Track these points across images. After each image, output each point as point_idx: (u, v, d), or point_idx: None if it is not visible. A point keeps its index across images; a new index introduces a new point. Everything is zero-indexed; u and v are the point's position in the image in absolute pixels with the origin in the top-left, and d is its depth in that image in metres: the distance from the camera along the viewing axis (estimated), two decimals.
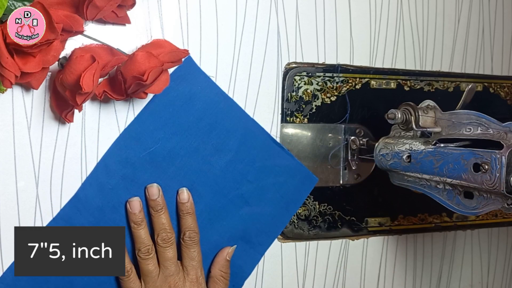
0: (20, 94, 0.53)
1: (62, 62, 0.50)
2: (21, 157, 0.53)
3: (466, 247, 0.78)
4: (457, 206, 0.53)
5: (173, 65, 0.54)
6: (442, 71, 0.72)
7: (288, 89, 0.63)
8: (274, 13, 0.62)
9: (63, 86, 0.49)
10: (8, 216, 0.53)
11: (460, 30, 0.73)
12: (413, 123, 0.57)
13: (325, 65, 0.65)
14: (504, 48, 0.77)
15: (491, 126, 0.52)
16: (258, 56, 0.62)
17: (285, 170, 0.63)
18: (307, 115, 0.64)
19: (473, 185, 0.50)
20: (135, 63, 0.49)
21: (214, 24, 0.59)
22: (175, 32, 0.58)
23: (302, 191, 0.64)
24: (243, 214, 0.61)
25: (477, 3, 0.74)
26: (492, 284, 0.80)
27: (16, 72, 0.46)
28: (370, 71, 0.67)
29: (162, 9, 0.57)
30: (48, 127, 0.54)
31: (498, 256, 0.80)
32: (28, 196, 0.54)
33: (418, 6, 0.70)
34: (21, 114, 0.53)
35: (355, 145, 0.65)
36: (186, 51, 0.53)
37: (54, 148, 0.54)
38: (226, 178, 0.60)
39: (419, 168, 0.55)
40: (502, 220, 0.78)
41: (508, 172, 0.47)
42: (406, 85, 0.69)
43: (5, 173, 0.53)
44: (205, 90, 0.59)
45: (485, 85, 0.75)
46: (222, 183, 0.60)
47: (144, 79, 0.49)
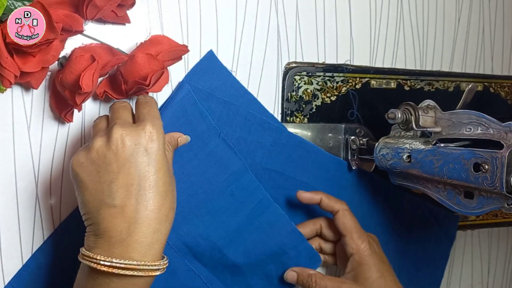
0: (20, 94, 0.52)
1: (62, 61, 0.50)
2: (21, 157, 0.53)
3: (466, 247, 0.78)
4: (457, 206, 0.53)
5: (173, 62, 0.54)
6: (442, 71, 0.72)
7: (288, 89, 0.63)
8: (274, 13, 0.62)
9: (63, 85, 0.49)
10: (8, 216, 0.53)
11: (460, 30, 0.73)
12: (413, 123, 0.57)
13: (325, 64, 0.65)
14: (504, 48, 0.77)
15: (491, 126, 0.52)
16: (258, 55, 0.62)
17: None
18: (307, 115, 0.64)
19: (473, 185, 0.49)
20: (136, 65, 0.49)
21: (214, 24, 0.59)
22: (175, 32, 0.58)
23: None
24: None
25: (477, 3, 0.74)
26: (492, 284, 0.80)
27: (15, 72, 0.46)
28: (370, 71, 0.67)
29: (162, 9, 0.57)
30: (47, 127, 0.54)
31: (498, 256, 0.80)
32: (28, 196, 0.54)
33: (418, 6, 0.70)
34: (20, 114, 0.53)
35: (355, 145, 0.65)
36: (185, 48, 0.53)
37: (54, 148, 0.54)
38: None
39: (419, 168, 0.55)
40: (502, 220, 0.78)
41: (508, 172, 0.46)
42: (406, 85, 0.69)
43: (5, 173, 0.53)
44: (226, 85, 0.59)
45: (485, 85, 0.75)
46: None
47: (147, 84, 0.49)
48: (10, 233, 0.53)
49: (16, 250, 0.53)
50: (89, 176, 0.44)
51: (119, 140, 0.43)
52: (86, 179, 0.44)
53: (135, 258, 0.42)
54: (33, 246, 0.54)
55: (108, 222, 0.43)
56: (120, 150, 0.43)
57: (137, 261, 0.42)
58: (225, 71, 0.59)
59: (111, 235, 0.42)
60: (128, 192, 0.43)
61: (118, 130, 0.44)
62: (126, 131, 0.44)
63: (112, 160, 0.43)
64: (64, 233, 0.54)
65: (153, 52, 0.51)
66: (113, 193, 0.43)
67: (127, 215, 0.42)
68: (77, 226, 0.55)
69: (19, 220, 0.53)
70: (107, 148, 0.43)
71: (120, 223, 0.42)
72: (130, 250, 0.42)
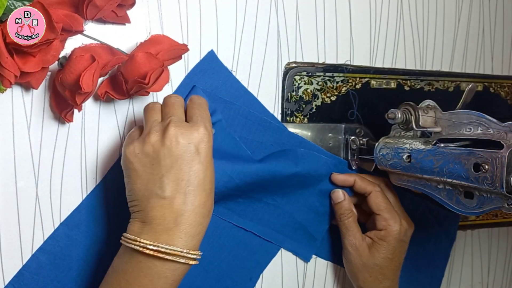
0: (20, 94, 0.52)
1: (62, 61, 0.50)
2: (21, 157, 0.53)
3: (466, 247, 0.78)
4: (457, 206, 0.53)
5: (173, 61, 0.54)
6: (442, 71, 0.72)
7: (288, 89, 0.63)
8: (274, 13, 0.62)
9: (63, 85, 0.49)
10: (8, 216, 0.53)
11: (460, 30, 0.73)
12: (413, 123, 0.57)
13: (325, 64, 0.65)
14: (504, 48, 0.77)
15: (491, 126, 0.52)
16: (258, 55, 0.62)
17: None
18: (307, 115, 0.64)
19: (473, 185, 0.49)
20: (136, 64, 0.49)
21: (214, 24, 0.59)
22: (175, 32, 0.58)
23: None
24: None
25: (477, 3, 0.74)
26: (492, 284, 0.80)
27: (15, 72, 0.46)
28: (370, 71, 0.67)
29: (162, 9, 0.57)
30: (47, 127, 0.54)
31: (498, 256, 0.80)
32: (28, 196, 0.54)
33: (418, 6, 0.70)
34: (20, 114, 0.53)
35: (355, 145, 0.65)
36: (185, 47, 0.53)
37: (54, 148, 0.54)
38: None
39: (419, 168, 0.55)
40: (502, 220, 0.78)
41: (508, 172, 0.46)
42: (406, 85, 0.69)
43: (5, 173, 0.53)
44: (226, 85, 0.59)
45: (485, 85, 0.75)
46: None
47: (146, 82, 0.49)
48: (10, 233, 0.53)
49: (16, 250, 0.53)
50: (143, 167, 0.47)
51: (173, 138, 0.46)
52: (139, 169, 0.47)
53: (179, 245, 0.46)
54: (33, 246, 0.54)
55: (157, 211, 0.46)
56: (174, 147, 0.46)
57: (181, 248, 0.45)
58: (225, 71, 0.59)
59: (159, 223, 0.46)
60: (178, 186, 0.46)
61: (174, 128, 0.47)
62: (181, 130, 0.47)
63: (166, 155, 0.46)
64: (64, 233, 0.55)
65: (153, 51, 0.51)
66: (164, 185, 0.46)
67: (175, 207, 0.46)
68: (77, 227, 0.55)
69: (19, 220, 0.53)
70: (161, 143, 0.46)
71: (168, 214, 0.46)
72: (175, 239, 0.46)
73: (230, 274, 0.61)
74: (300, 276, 0.67)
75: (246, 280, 0.63)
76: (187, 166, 0.46)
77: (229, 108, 0.59)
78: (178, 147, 0.46)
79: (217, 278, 0.60)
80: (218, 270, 0.60)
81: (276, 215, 0.62)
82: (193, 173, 0.46)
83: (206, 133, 0.48)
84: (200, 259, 0.48)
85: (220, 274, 0.61)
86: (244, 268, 0.62)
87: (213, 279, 0.60)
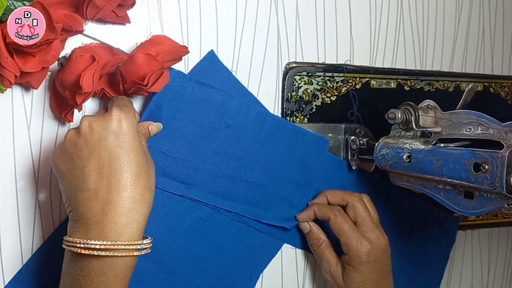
0: (20, 94, 0.52)
1: (62, 61, 0.50)
2: (21, 157, 0.53)
3: (466, 247, 0.78)
4: (457, 206, 0.53)
5: (173, 63, 0.54)
6: (442, 71, 0.72)
7: (288, 89, 0.63)
8: (274, 13, 0.62)
9: (63, 85, 0.49)
10: (8, 216, 0.53)
11: (460, 30, 0.73)
12: (413, 123, 0.57)
13: (325, 64, 0.65)
14: (504, 48, 0.77)
15: (491, 126, 0.52)
16: (258, 55, 0.62)
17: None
18: (307, 115, 0.64)
19: (473, 185, 0.49)
20: (135, 65, 0.49)
21: (214, 24, 0.59)
22: (175, 32, 0.58)
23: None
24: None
25: (477, 3, 0.74)
26: (492, 284, 0.80)
27: (15, 72, 0.46)
28: (370, 71, 0.67)
29: (162, 9, 0.57)
30: (47, 127, 0.54)
31: (498, 256, 0.80)
32: (28, 196, 0.54)
33: (418, 6, 0.70)
34: (20, 114, 0.53)
35: (355, 145, 0.65)
36: (186, 49, 0.53)
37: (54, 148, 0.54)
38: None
39: (419, 168, 0.55)
40: (502, 220, 0.78)
41: (508, 172, 0.46)
42: (406, 85, 0.69)
43: (5, 173, 0.53)
44: (227, 85, 0.60)
45: (485, 85, 0.75)
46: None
47: (145, 84, 0.49)
48: (10, 233, 0.53)
49: (16, 250, 0.53)
50: (65, 165, 0.46)
51: (87, 126, 0.45)
52: (63, 168, 0.46)
53: (111, 238, 0.43)
54: (33, 246, 0.54)
55: (84, 205, 0.44)
56: (89, 135, 0.45)
57: (112, 241, 0.43)
58: (226, 71, 0.60)
59: (87, 217, 0.44)
60: (100, 175, 0.44)
61: (86, 117, 0.46)
62: (93, 117, 0.46)
63: (83, 146, 0.45)
64: (64, 233, 0.54)
65: (153, 53, 0.51)
66: (86, 177, 0.44)
67: (101, 197, 0.44)
68: None
69: (19, 220, 0.53)
70: (77, 136, 0.46)
71: (94, 205, 0.44)
72: (106, 231, 0.43)
73: (230, 274, 0.61)
74: (300, 276, 0.67)
75: (246, 280, 0.63)
76: (106, 152, 0.44)
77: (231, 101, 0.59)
78: (93, 134, 0.45)
79: (217, 278, 0.61)
80: (218, 270, 0.60)
81: (261, 192, 0.61)
82: (114, 157, 0.44)
83: (121, 114, 0.46)
84: (200, 259, 0.47)
85: (220, 274, 0.61)
86: (244, 268, 0.62)
87: (213, 279, 0.60)
